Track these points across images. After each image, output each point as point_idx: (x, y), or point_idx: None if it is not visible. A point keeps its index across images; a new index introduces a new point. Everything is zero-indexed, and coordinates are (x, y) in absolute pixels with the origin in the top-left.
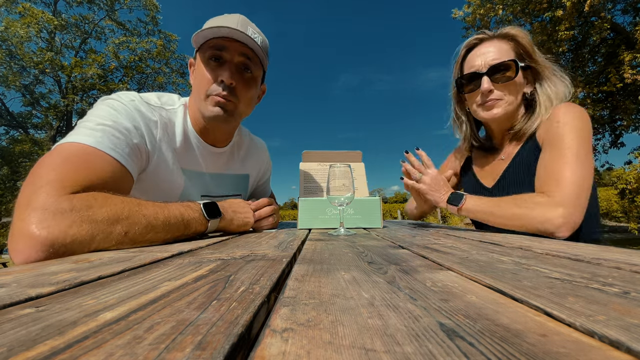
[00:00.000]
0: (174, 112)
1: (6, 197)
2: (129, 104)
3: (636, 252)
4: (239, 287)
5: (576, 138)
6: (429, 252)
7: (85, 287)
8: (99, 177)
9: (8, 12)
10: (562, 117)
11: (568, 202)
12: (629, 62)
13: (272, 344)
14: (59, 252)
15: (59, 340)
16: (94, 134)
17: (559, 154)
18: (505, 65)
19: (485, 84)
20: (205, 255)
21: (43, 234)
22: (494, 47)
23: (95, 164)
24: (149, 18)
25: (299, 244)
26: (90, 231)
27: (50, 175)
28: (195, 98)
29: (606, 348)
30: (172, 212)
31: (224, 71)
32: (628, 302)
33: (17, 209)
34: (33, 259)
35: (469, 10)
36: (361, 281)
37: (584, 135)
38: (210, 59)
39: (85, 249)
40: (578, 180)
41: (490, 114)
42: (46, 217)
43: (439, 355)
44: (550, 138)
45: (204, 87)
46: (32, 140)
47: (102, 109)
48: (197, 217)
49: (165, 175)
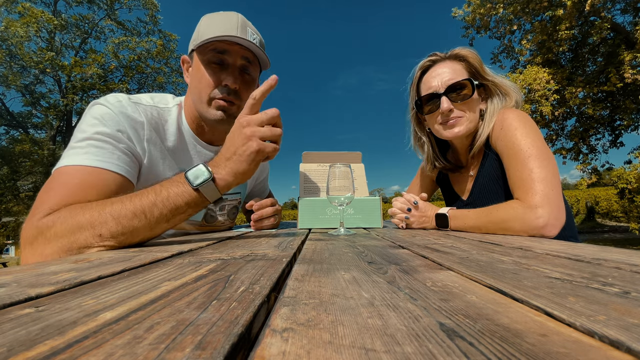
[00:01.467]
0: (168, 110)
1: (6, 196)
2: (115, 108)
3: (636, 252)
4: (239, 287)
5: (530, 140)
6: (429, 252)
7: (85, 287)
8: (93, 191)
9: (8, 11)
10: (507, 123)
11: (543, 202)
12: (629, 62)
13: (272, 343)
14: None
15: (58, 340)
16: (82, 153)
17: (521, 161)
18: (462, 84)
19: (445, 103)
20: (205, 255)
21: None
22: (447, 67)
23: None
24: (149, 17)
25: (299, 244)
26: (59, 246)
27: (36, 204)
28: (195, 100)
29: (606, 348)
30: (147, 198)
31: (227, 75)
32: (628, 302)
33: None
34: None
35: (469, 9)
36: (361, 281)
37: (534, 134)
38: (211, 61)
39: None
40: (546, 178)
41: (452, 132)
42: (27, 245)
43: (439, 355)
44: (505, 146)
45: (206, 90)
46: (32, 140)
47: (87, 121)
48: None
49: (157, 175)
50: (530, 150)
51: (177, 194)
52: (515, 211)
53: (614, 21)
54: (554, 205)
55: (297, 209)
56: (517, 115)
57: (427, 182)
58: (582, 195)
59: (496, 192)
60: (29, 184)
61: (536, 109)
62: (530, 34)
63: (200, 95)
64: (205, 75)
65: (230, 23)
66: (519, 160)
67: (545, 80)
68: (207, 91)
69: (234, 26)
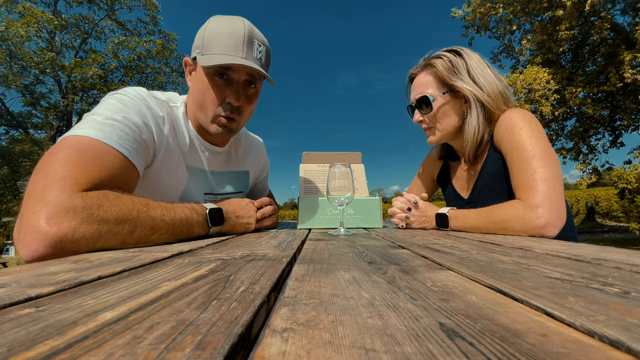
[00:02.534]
0: (177, 109)
1: (6, 196)
2: (138, 99)
3: (636, 252)
4: (239, 287)
5: (534, 140)
6: (429, 252)
7: (85, 287)
8: (109, 174)
9: (8, 12)
10: (512, 123)
11: (544, 202)
12: (629, 62)
13: (272, 343)
14: (65, 248)
15: (59, 340)
16: (103, 129)
17: (524, 161)
18: (422, 100)
19: (415, 116)
20: (205, 255)
21: (53, 230)
22: (419, 81)
23: (105, 160)
24: (149, 18)
25: (299, 244)
26: (98, 230)
27: (63, 170)
28: (196, 111)
29: (606, 348)
30: (177, 214)
31: (231, 92)
32: (628, 302)
33: (28, 201)
34: (39, 254)
35: (468, 9)
36: (361, 281)
37: (538, 134)
38: (215, 76)
39: (90, 247)
40: (548, 178)
41: (428, 140)
42: (58, 213)
43: (439, 355)
44: (509, 146)
45: (210, 107)
46: (32, 140)
47: (111, 103)
48: (201, 221)
49: (169, 171)
50: (534, 151)
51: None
52: (515, 211)
53: (614, 21)
54: (555, 206)
55: (297, 209)
56: (522, 115)
57: (427, 181)
58: (582, 195)
59: (498, 191)
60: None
61: (536, 109)
62: (530, 34)
63: (204, 109)
64: (209, 90)
65: (236, 38)
66: (523, 160)
67: (545, 80)
68: (212, 108)
69: (239, 43)
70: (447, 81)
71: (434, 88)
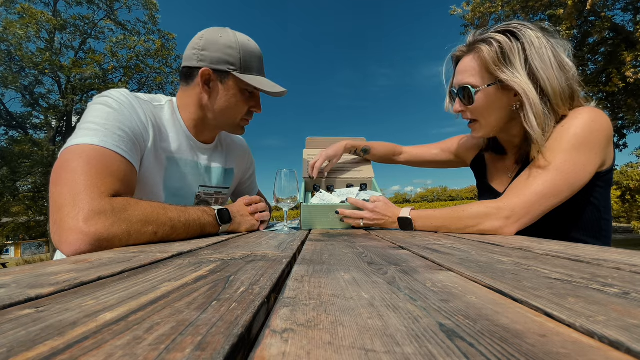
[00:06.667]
0: (161, 107)
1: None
2: (123, 101)
3: (636, 252)
4: (238, 288)
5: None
6: (429, 252)
7: (85, 287)
8: (119, 178)
9: (7, 12)
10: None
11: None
12: (630, 62)
13: (272, 344)
14: (102, 246)
15: (58, 340)
16: (98, 135)
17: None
18: (464, 89)
19: (455, 105)
20: (205, 256)
21: (92, 230)
22: (464, 65)
23: (113, 165)
24: (148, 17)
25: (299, 245)
26: (127, 229)
27: (83, 179)
28: (218, 116)
29: (606, 348)
30: (191, 215)
31: (256, 103)
32: (628, 302)
33: (62, 209)
34: (82, 251)
35: (467, 8)
36: (361, 282)
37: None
38: (248, 92)
39: (122, 244)
40: (544, 190)
41: (472, 135)
42: (92, 216)
43: (439, 355)
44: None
45: (239, 115)
46: (32, 141)
47: (99, 109)
48: (211, 221)
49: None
50: (556, 163)
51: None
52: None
53: (614, 21)
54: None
55: (298, 209)
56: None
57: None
58: None
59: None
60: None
61: None
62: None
63: (233, 116)
64: (242, 102)
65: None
66: (541, 165)
67: None
68: (240, 116)
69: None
70: (493, 72)
71: (478, 77)
